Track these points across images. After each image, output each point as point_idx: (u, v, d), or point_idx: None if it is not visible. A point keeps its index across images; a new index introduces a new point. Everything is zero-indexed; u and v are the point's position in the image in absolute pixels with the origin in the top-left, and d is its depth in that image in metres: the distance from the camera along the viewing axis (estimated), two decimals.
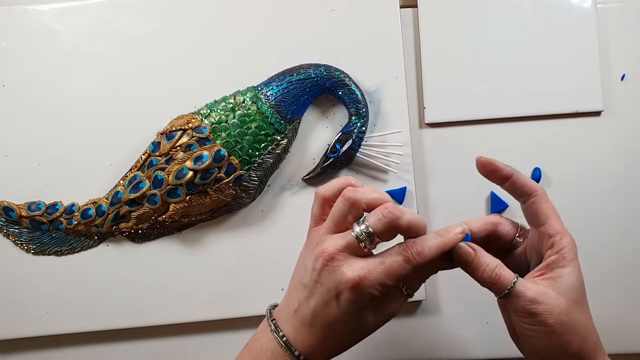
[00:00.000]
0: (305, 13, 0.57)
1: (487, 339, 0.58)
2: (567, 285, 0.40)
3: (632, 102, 0.59)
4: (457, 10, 0.58)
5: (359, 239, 0.38)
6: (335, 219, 0.39)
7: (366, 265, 0.37)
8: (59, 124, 0.56)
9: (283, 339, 0.39)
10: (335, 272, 0.38)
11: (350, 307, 0.38)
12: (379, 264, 0.38)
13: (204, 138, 0.53)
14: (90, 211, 0.55)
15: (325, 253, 0.38)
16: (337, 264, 0.38)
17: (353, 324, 0.39)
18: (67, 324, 0.57)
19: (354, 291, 0.37)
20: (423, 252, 0.38)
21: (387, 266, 0.37)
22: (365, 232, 0.38)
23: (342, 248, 0.38)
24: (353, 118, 0.55)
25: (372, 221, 0.38)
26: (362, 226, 0.38)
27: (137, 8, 0.57)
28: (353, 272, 0.37)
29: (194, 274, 0.57)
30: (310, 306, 0.39)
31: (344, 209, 0.39)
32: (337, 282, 0.37)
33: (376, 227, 0.38)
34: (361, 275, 0.37)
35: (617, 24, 0.59)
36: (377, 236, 0.38)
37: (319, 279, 0.38)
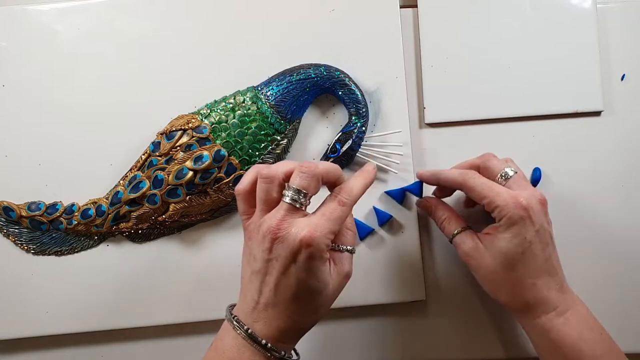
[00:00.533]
0: (305, 13, 0.57)
1: (487, 339, 0.58)
2: (498, 249, 0.46)
3: (632, 102, 0.59)
4: (457, 10, 0.58)
5: (294, 200, 0.40)
6: (263, 199, 0.42)
7: (310, 221, 0.40)
8: (59, 124, 0.56)
9: (248, 331, 0.40)
10: (286, 239, 0.39)
11: (309, 265, 0.39)
12: (320, 215, 0.40)
13: (204, 138, 0.53)
14: (90, 211, 0.55)
15: (270, 228, 0.40)
16: (285, 231, 0.39)
17: (315, 284, 0.40)
18: (67, 324, 0.57)
19: (310, 246, 0.39)
20: (352, 191, 0.42)
21: (328, 215, 0.40)
22: (295, 192, 0.40)
23: (282, 217, 0.40)
24: (353, 118, 0.55)
25: (297, 182, 0.40)
26: (290, 190, 0.40)
27: (137, 8, 0.57)
28: (302, 230, 0.39)
29: (194, 274, 0.57)
30: (270, 285, 0.40)
31: (267, 187, 0.41)
32: (292, 246, 0.39)
33: (302, 184, 0.40)
34: (311, 230, 0.39)
35: (617, 24, 0.59)
36: (306, 190, 0.40)
37: (271, 256, 0.40)
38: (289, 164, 0.42)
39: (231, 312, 0.42)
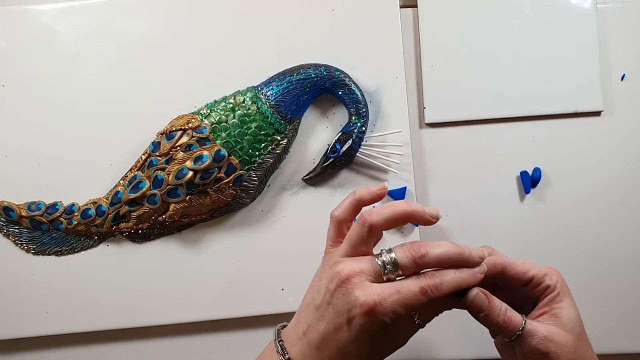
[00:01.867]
0: (305, 13, 0.57)
1: (487, 339, 0.58)
2: (570, 320, 0.40)
3: (632, 102, 0.59)
4: (457, 10, 0.58)
5: (385, 268, 0.37)
6: (352, 243, 0.39)
7: (381, 292, 0.36)
8: (59, 124, 0.56)
9: (287, 357, 0.38)
10: (349, 294, 0.37)
11: (360, 332, 0.37)
12: (395, 292, 0.37)
13: (204, 138, 0.53)
14: (90, 211, 0.55)
15: (342, 274, 0.37)
16: (352, 286, 0.37)
17: (362, 350, 0.38)
18: (67, 324, 0.57)
19: (367, 316, 0.36)
20: (441, 286, 0.37)
21: (403, 295, 0.37)
22: (390, 262, 0.37)
23: (360, 271, 0.37)
24: (353, 118, 0.55)
25: (399, 255, 0.37)
26: (389, 256, 0.38)
27: (137, 8, 0.57)
28: (367, 296, 0.36)
29: (194, 274, 0.57)
30: (320, 328, 0.38)
31: (361, 233, 0.38)
32: (351, 305, 0.36)
33: (402, 260, 0.37)
34: (376, 301, 0.36)
35: (617, 24, 0.59)
36: (402, 268, 0.37)
37: (332, 300, 0.37)
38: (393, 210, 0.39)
39: (279, 334, 0.41)
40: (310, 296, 0.40)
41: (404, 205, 0.39)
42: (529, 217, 0.59)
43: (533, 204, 0.58)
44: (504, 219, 0.59)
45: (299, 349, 0.39)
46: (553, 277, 0.41)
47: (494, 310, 0.40)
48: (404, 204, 0.39)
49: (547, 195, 0.59)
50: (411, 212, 0.39)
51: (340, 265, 0.38)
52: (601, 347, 0.58)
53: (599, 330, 0.58)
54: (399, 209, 0.39)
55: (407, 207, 0.39)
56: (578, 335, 0.40)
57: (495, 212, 0.58)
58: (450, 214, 0.58)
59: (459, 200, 0.58)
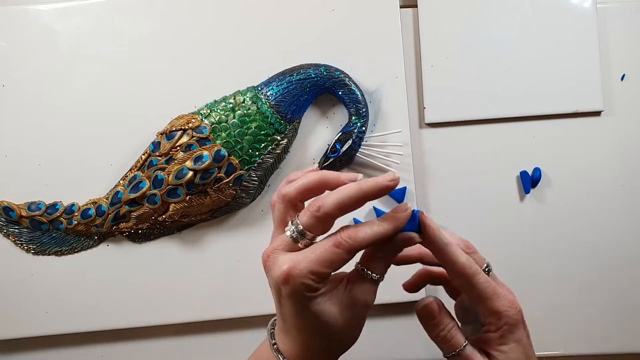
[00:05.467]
0: (305, 13, 0.57)
1: None
2: None
3: (632, 102, 0.59)
4: (457, 10, 0.58)
5: (294, 238, 0.37)
6: (276, 219, 0.39)
7: (294, 257, 0.36)
8: (59, 124, 0.56)
9: (274, 346, 0.39)
10: (271, 269, 0.37)
11: (291, 302, 0.37)
12: (309, 253, 0.36)
13: (204, 138, 0.53)
14: (90, 211, 0.55)
15: (264, 253, 0.38)
16: (271, 262, 0.37)
17: (312, 321, 0.38)
18: (67, 324, 0.57)
19: (286, 284, 0.36)
20: (356, 235, 0.36)
21: (317, 254, 0.36)
22: (296, 229, 0.37)
23: (276, 246, 0.38)
24: (353, 118, 0.55)
25: (301, 217, 0.37)
26: (294, 224, 0.37)
27: (137, 8, 0.57)
28: (283, 265, 0.36)
29: (194, 274, 0.57)
30: (277, 310, 0.39)
31: (280, 207, 0.39)
32: (275, 280, 0.37)
33: (305, 222, 0.37)
34: (290, 266, 0.36)
35: (617, 24, 0.59)
36: (308, 231, 0.37)
37: (269, 282, 0.38)
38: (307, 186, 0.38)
39: (273, 324, 0.41)
40: None
41: (315, 174, 0.39)
42: (529, 217, 0.59)
43: (533, 204, 0.58)
44: (503, 219, 0.59)
45: (278, 336, 0.40)
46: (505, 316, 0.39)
47: (441, 323, 0.41)
48: (315, 173, 0.39)
49: (547, 195, 0.58)
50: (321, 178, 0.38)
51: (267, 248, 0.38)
52: (601, 347, 0.58)
53: (599, 330, 0.58)
54: (310, 177, 0.38)
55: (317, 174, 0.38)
56: None
57: (495, 212, 0.58)
58: (450, 214, 0.58)
59: (459, 200, 0.58)
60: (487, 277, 0.40)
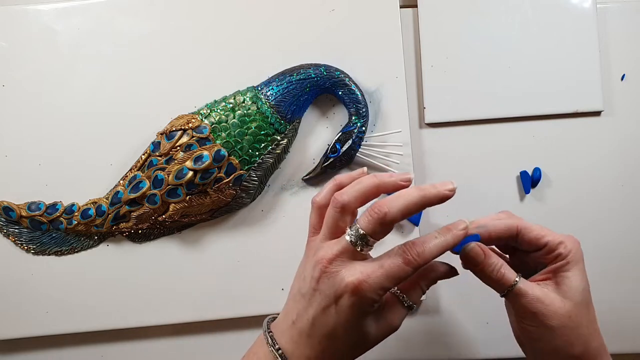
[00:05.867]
0: (305, 13, 0.57)
1: (487, 339, 0.58)
2: (571, 288, 0.40)
3: (632, 102, 0.59)
4: (457, 10, 0.58)
5: (354, 243, 0.37)
6: (329, 226, 0.39)
7: (365, 269, 0.37)
8: (59, 124, 0.56)
9: (279, 351, 0.38)
10: (334, 277, 0.37)
11: (349, 313, 0.37)
12: (378, 267, 0.37)
13: (204, 138, 0.53)
14: (90, 211, 0.55)
15: (323, 260, 0.37)
16: (335, 269, 0.37)
17: (353, 333, 0.38)
18: (67, 324, 0.57)
19: (354, 295, 0.36)
20: (424, 253, 0.37)
21: (387, 269, 0.37)
22: (357, 235, 0.37)
23: (339, 253, 0.37)
24: (353, 118, 0.55)
25: (362, 223, 0.37)
26: (354, 229, 0.37)
27: (137, 8, 0.57)
28: (352, 276, 0.36)
29: (194, 274, 0.57)
30: (309, 315, 0.38)
31: (335, 214, 0.39)
32: (336, 288, 0.37)
33: (367, 228, 0.37)
34: (360, 279, 0.36)
35: (617, 24, 0.59)
36: (371, 237, 0.37)
37: (318, 287, 0.38)
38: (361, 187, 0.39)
39: (269, 326, 0.41)
40: (297, 286, 0.40)
41: (371, 179, 0.39)
42: (529, 217, 0.58)
43: (533, 204, 0.58)
44: None
45: (289, 338, 0.39)
46: (567, 245, 0.41)
47: (489, 265, 0.41)
48: (371, 178, 0.39)
49: (547, 195, 0.59)
50: (379, 183, 0.39)
51: (321, 252, 0.38)
52: None
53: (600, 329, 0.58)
54: (367, 183, 0.39)
55: (374, 179, 0.39)
56: (577, 302, 0.40)
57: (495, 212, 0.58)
58: (450, 214, 0.58)
59: (459, 200, 0.58)
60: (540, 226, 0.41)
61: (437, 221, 0.58)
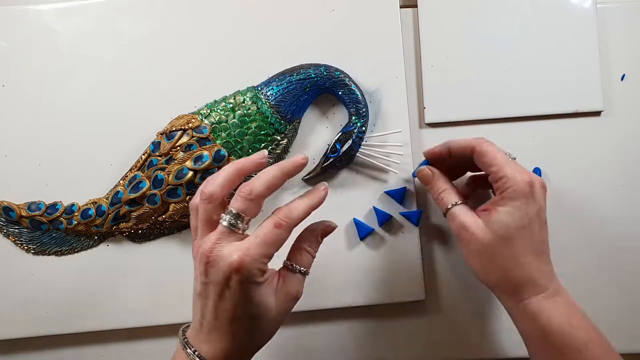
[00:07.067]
0: (305, 13, 0.57)
1: (487, 339, 0.58)
2: (495, 222, 0.44)
3: (632, 102, 0.59)
4: (457, 10, 0.58)
5: (231, 225, 0.39)
6: (203, 221, 0.41)
7: (242, 245, 0.39)
8: (59, 124, 0.56)
9: (196, 353, 0.40)
10: (217, 263, 0.38)
11: (241, 289, 0.38)
12: (253, 239, 0.39)
13: (204, 138, 0.53)
14: (90, 211, 0.55)
15: (204, 252, 0.39)
16: (217, 255, 0.39)
17: (253, 309, 0.40)
18: (67, 324, 0.57)
19: (240, 272, 0.38)
20: (291, 214, 0.40)
21: (262, 237, 0.39)
22: (233, 216, 0.39)
23: (217, 240, 0.39)
24: (353, 118, 0.55)
25: (233, 204, 0.39)
26: (229, 214, 0.39)
27: (137, 8, 0.57)
28: (232, 255, 0.38)
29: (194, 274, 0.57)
30: (209, 308, 0.40)
31: (206, 208, 0.40)
32: (223, 271, 0.38)
33: (239, 207, 0.39)
34: (240, 255, 0.38)
35: (617, 24, 0.59)
36: (244, 214, 0.39)
37: (207, 279, 0.39)
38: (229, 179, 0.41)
39: (184, 333, 0.42)
40: (194, 290, 0.41)
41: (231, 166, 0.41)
42: None
43: None
44: None
45: (202, 338, 0.40)
46: (509, 181, 0.44)
47: (433, 186, 0.50)
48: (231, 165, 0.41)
49: (547, 195, 0.58)
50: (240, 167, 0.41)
51: (202, 247, 0.39)
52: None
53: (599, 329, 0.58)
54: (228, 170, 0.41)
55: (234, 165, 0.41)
56: (500, 235, 0.44)
57: None
58: None
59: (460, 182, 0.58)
60: (497, 148, 0.46)
61: (438, 221, 0.58)
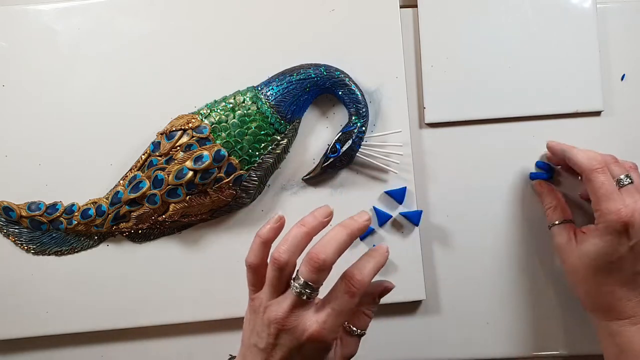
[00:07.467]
0: (305, 13, 0.57)
1: (487, 339, 0.58)
2: (586, 250, 0.47)
3: (632, 102, 0.59)
4: (457, 10, 0.58)
5: (301, 294, 0.39)
6: (273, 285, 0.41)
7: (319, 317, 0.39)
8: (59, 124, 0.56)
9: None
10: (293, 331, 0.39)
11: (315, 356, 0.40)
12: (330, 310, 0.39)
13: (204, 138, 0.53)
14: (90, 211, 0.55)
15: (277, 319, 0.39)
16: (293, 324, 0.39)
17: None
18: (67, 324, 0.57)
19: (317, 342, 0.39)
20: (363, 280, 0.40)
21: (337, 309, 0.39)
22: (302, 286, 0.39)
23: (291, 307, 0.39)
24: (353, 118, 0.55)
25: (305, 274, 0.39)
26: (298, 282, 0.39)
27: (137, 8, 0.57)
28: (310, 327, 0.39)
29: (194, 274, 0.57)
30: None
31: (276, 273, 0.41)
32: (298, 340, 0.39)
33: (311, 278, 0.39)
34: (318, 327, 0.39)
35: (617, 24, 0.59)
36: (314, 284, 0.39)
37: (277, 342, 0.40)
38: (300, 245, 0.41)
39: None
40: (253, 340, 0.42)
41: (299, 229, 0.41)
42: (529, 217, 0.59)
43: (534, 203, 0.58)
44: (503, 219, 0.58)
45: None
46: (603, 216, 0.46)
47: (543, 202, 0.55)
48: (299, 228, 0.41)
49: None
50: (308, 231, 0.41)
51: (271, 311, 0.40)
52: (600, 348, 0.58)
53: None
54: (298, 235, 0.41)
55: (303, 229, 0.41)
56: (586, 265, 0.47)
57: (495, 212, 0.58)
58: (450, 214, 0.58)
59: (459, 200, 0.58)
60: (604, 178, 0.47)
61: (438, 221, 0.58)
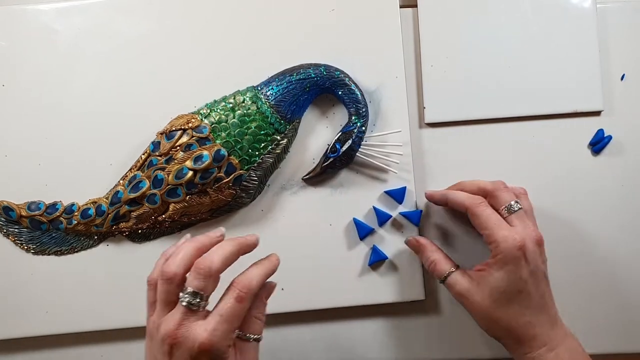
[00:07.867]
0: (305, 13, 0.57)
1: (487, 339, 0.58)
2: (491, 287, 0.47)
3: (632, 102, 0.59)
4: (457, 10, 0.58)
5: (190, 305, 0.39)
6: (163, 300, 0.41)
7: (207, 325, 0.39)
8: (59, 124, 0.56)
9: None
10: (184, 345, 0.39)
11: None
12: (218, 317, 0.39)
13: (204, 138, 0.53)
14: (90, 211, 0.55)
15: (168, 333, 0.39)
16: (183, 336, 0.39)
17: None
18: (67, 324, 0.57)
19: (209, 352, 0.38)
20: (251, 284, 0.41)
21: (226, 315, 0.39)
22: (192, 295, 0.39)
23: (180, 320, 0.39)
24: (353, 118, 0.55)
25: (193, 283, 0.39)
26: (186, 293, 0.39)
27: (136, 8, 0.57)
28: (200, 336, 0.38)
29: None
30: None
31: (167, 287, 0.40)
32: (191, 352, 0.38)
33: (199, 286, 0.39)
34: (208, 336, 0.38)
35: (617, 24, 0.59)
36: (203, 291, 0.39)
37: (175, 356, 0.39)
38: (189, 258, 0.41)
39: None
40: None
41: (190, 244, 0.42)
42: None
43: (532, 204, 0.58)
44: None
45: None
46: (499, 246, 0.46)
47: (423, 258, 0.52)
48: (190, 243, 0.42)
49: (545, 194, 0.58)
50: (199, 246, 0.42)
51: (163, 328, 0.40)
52: (600, 347, 0.58)
53: (598, 330, 0.58)
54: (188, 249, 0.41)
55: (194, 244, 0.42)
56: (495, 300, 0.46)
57: None
58: (450, 214, 0.58)
59: None
60: (490, 211, 0.48)
61: (438, 221, 0.58)
